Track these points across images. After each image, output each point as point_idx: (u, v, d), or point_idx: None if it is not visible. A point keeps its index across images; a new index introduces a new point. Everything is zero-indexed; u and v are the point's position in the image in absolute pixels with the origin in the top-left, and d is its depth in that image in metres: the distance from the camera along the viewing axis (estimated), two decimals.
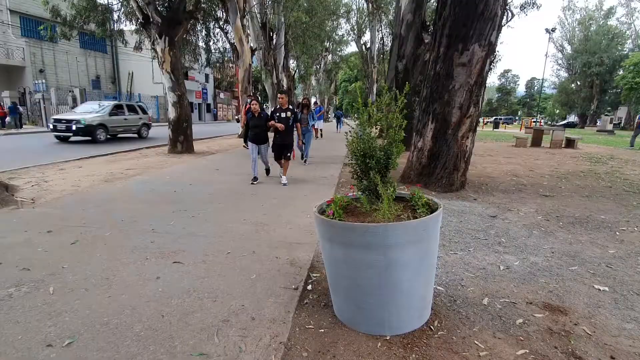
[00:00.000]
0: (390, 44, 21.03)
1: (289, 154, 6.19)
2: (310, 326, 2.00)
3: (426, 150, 5.56)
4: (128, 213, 4.13)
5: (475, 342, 1.85)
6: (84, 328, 1.92)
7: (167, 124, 11.00)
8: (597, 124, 35.12)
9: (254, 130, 5.89)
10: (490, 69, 5.35)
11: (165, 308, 2.15)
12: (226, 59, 24.08)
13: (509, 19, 8.29)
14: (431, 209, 1.99)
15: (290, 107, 5.97)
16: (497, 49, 5.25)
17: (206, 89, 41.73)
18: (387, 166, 2.04)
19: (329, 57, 38.79)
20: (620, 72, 36.92)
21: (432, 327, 1.97)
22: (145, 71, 31.69)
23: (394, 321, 1.90)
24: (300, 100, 8.06)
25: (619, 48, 41.64)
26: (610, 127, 27.44)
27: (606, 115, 36.79)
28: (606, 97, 44.30)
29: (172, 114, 10.18)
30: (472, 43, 4.95)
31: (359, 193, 2.11)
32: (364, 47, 31.70)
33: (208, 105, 42.96)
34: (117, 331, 1.90)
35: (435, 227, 1.88)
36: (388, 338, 1.87)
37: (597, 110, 43.24)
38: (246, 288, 2.41)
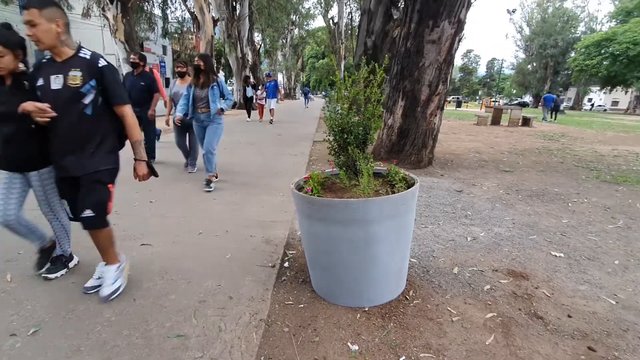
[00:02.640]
0: (358, 20, 20.74)
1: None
2: (289, 302, 2.00)
3: (396, 128, 5.63)
4: None
5: (448, 308, 1.95)
6: (48, 316, 1.79)
7: None
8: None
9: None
10: (457, 47, 5.43)
11: (137, 292, 2.05)
12: (185, 29, 22.61)
13: None
14: (408, 183, 2.01)
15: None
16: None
17: (164, 62, 39.13)
18: (365, 141, 2.02)
19: (296, 31, 37.66)
20: (572, 55, 39.19)
21: (407, 296, 2.05)
22: (94, 41, 28.87)
23: (372, 293, 1.94)
24: (197, 63, 4.10)
25: (573, 31, 44.00)
26: (562, 107, 29.30)
27: (559, 95, 39.22)
28: (558, 79, 47.09)
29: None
30: (442, 20, 4.97)
31: (337, 169, 2.09)
32: (331, 22, 31.03)
33: (167, 79, 40.46)
34: (85, 317, 1.79)
35: (413, 201, 1.92)
36: (367, 309, 1.92)
37: (550, 91, 45.92)
38: (221, 268, 2.36)
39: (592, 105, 52.14)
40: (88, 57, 1.79)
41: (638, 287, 2.20)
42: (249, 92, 13.88)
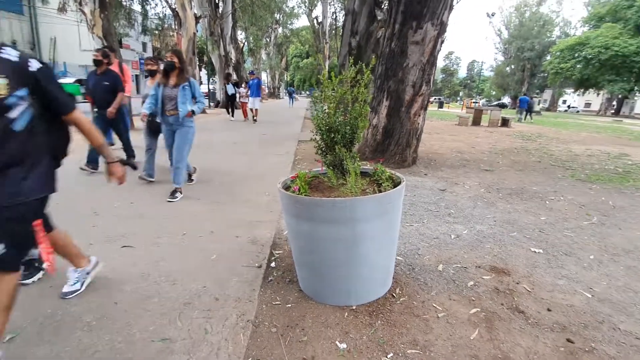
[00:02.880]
0: (343, 20, 20.83)
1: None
2: (277, 302, 1.99)
3: (381, 128, 5.68)
4: (63, 195, 3.71)
5: (434, 304, 1.98)
6: (25, 322, 1.72)
7: None
8: None
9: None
10: (440, 49, 5.53)
11: (118, 295, 1.99)
12: (166, 25, 22.11)
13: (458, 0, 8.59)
14: (394, 182, 2.04)
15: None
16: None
17: (144, 59, 38.22)
18: (352, 140, 2.03)
19: (280, 30, 37.42)
20: (548, 58, 40.62)
21: (394, 294, 2.07)
22: (71, 37, 27.94)
23: (359, 291, 1.96)
24: (169, 59, 3.65)
25: (548, 35, 45.60)
26: (538, 108, 30.36)
27: (535, 97, 40.54)
28: (535, 81, 48.72)
29: None
30: (426, 21, 5.05)
31: (325, 167, 2.09)
32: (315, 22, 30.98)
33: (147, 76, 39.49)
34: (63, 323, 1.72)
35: (399, 200, 1.94)
36: (354, 308, 1.93)
37: (527, 93, 47.44)
38: (207, 269, 2.32)
39: (569, 107, 54.23)
40: (14, 59, 1.35)
41: (612, 281, 2.30)
42: (230, 89, 13.52)
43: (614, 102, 41.34)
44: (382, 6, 10.46)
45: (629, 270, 2.45)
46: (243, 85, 13.52)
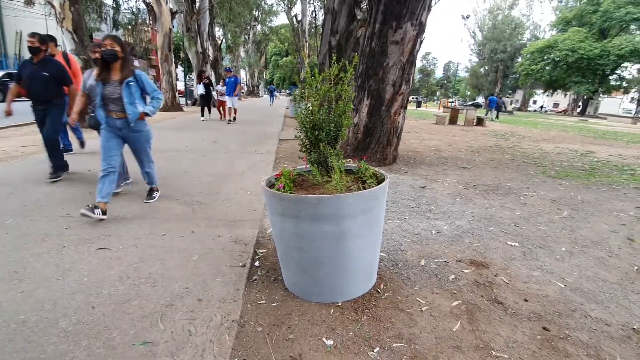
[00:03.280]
0: (322, 18, 20.84)
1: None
2: (262, 301, 1.97)
3: (362, 126, 5.73)
4: (32, 197, 3.53)
5: (417, 299, 2.02)
6: None
7: None
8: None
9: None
10: (419, 49, 5.63)
11: (95, 299, 1.91)
12: (140, 20, 21.39)
13: (436, 1, 8.78)
14: (378, 179, 2.06)
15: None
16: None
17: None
18: (336, 138, 2.04)
19: (258, 27, 36.99)
20: (520, 60, 42.26)
21: (379, 290, 2.10)
22: (37, 30, 26.49)
23: (345, 288, 1.97)
24: (107, 47, 2.87)
25: (520, 37, 47.44)
26: (510, 108, 31.52)
27: (507, 97, 42.06)
28: (508, 82, 50.59)
29: None
30: (405, 21, 5.13)
31: (310, 165, 2.08)
32: (294, 20, 30.82)
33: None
34: (38, 329, 1.63)
35: (383, 197, 1.96)
36: (340, 304, 1.94)
37: (500, 93, 49.12)
38: (189, 270, 2.27)
39: (542, 107, 56.62)
40: None
41: (582, 271, 2.42)
42: (200, 89, 12.25)
43: (580, 103, 43.53)
44: (362, 6, 10.54)
45: (597, 261, 2.58)
46: (220, 83, 12.47)
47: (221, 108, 12.58)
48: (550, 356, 1.60)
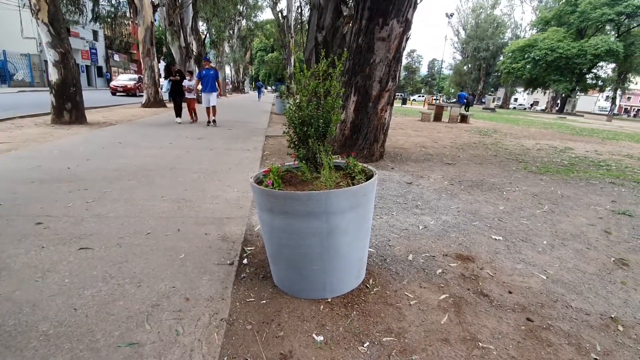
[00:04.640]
0: (308, 14, 20.67)
1: None
2: (251, 299, 1.95)
3: (349, 123, 5.74)
4: (7, 195, 3.39)
5: (406, 293, 2.04)
6: None
7: (47, 88, 9.12)
8: (483, 102, 40.93)
9: None
10: (405, 46, 5.67)
11: (77, 300, 1.85)
12: (120, 13, 20.74)
13: None
14: (367, 175, 2.06)
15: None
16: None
17: (95, 49, 35.63)
18: (325, 134, 2.03)
19: (243, 22, 36.46)
20: (501, 58, 43.17)
21: (368, 285, 2.11)
22: (10, 22, 25.46)
23: (334, 284, 1.97)
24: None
25: (501, 36, 48.44)
26: (492, 105, 32.21)
27: (489, 95, 42.94)
28: (490, 79, 51.63)
29: (54, 75, 8.44)
30: (391, 18, 5.14)
31: (298, 161, 2.07)
32: (280, 15, 30.50)
33: (99, 68, 36.93)
34: (16, 333, 1.57)
35: (372, 192, 1.97)
36: (330, 300, 1.94)
37: (482, 91, 50.10)
38: (175, 269, 2.22)
39: (525, 107, 58.05)
40: None
41: (563, 263, 2.50)
42: (165, 86, 10.53)
43: (559, 101, 44.87)
44: (348, 2, 10.52)
45: (577, 253, 2.67)
46: (188, 77, 10.31)
47: (192, 108, 10.42)
48: (534, 346, 1.64)
